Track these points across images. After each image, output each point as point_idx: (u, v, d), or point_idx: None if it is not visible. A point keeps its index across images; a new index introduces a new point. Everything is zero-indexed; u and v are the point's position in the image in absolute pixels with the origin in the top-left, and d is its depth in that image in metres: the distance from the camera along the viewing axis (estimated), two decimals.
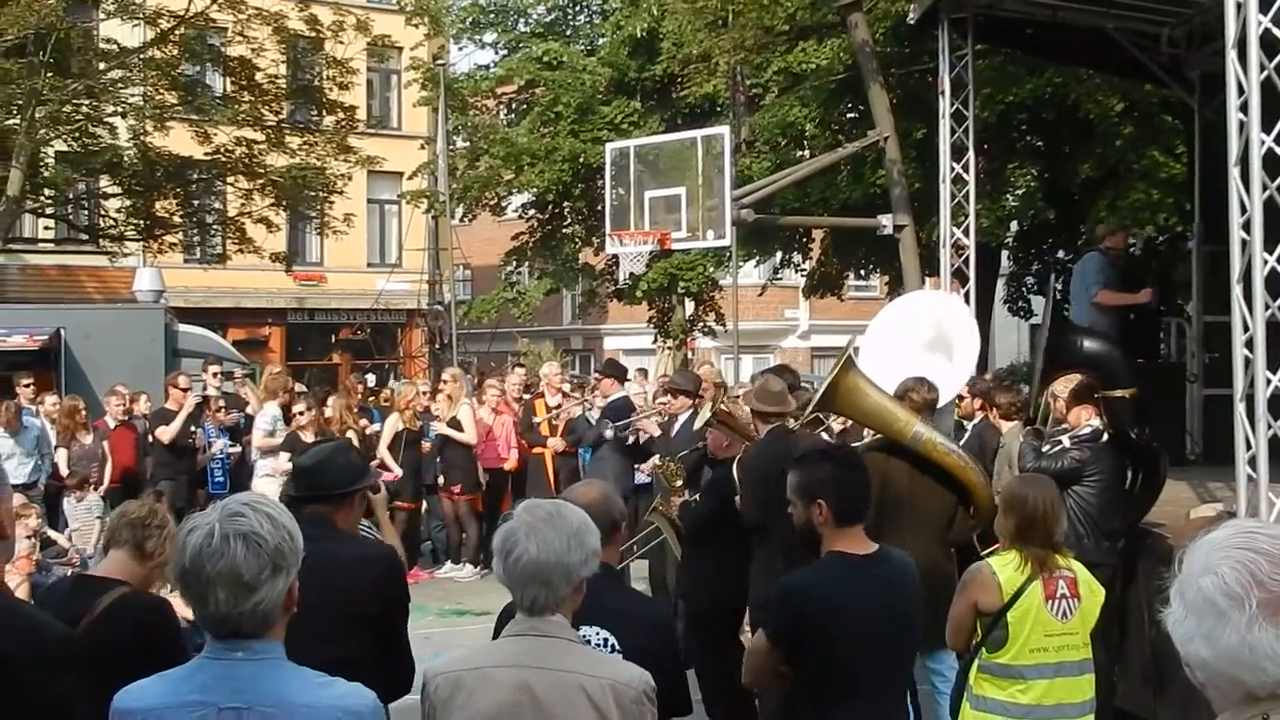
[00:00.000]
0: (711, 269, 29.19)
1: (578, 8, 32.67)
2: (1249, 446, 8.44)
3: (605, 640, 4.63)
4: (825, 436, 10.88)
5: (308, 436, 14.20)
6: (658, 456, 11.43)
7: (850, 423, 10.73)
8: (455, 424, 16.38)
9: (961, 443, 10.51)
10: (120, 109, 27.46)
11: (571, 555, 3.90)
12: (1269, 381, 8.35)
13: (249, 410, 16.90)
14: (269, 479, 14.29)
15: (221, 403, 16.52)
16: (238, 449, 16.14)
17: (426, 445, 16.61)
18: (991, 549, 10.10)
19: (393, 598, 5.33)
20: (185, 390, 15.65)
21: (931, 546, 8.33)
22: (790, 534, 5.51)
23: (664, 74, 27.88)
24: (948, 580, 8.45)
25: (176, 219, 30.20)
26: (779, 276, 31.97)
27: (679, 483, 10.21)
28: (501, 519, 4.07)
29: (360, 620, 5.10)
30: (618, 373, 15.10)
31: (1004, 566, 6.25)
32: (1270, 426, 8.36)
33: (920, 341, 11.64)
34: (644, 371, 22.56)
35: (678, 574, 11.92)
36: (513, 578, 3.90)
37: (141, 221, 29.08)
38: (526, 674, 3.86)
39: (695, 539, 9.39)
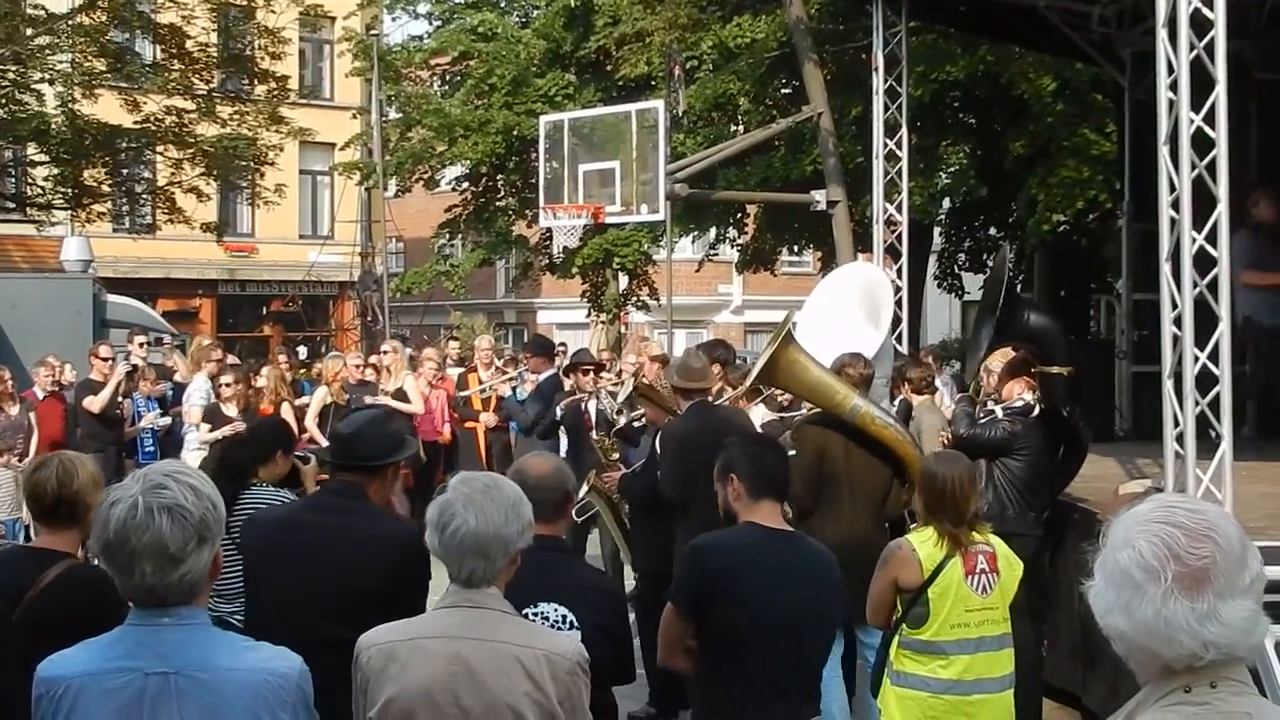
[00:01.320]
0: (647, 244, 29.15)
1: None
2: (1177, 423, 8.52)
3: (564, 617, 4.66)
4: (764, 408, 10.91)
5: (231, 410, 14.07)
6: (595, 432, 11.43)
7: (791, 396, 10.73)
8: (401, 395, 16.24)
9: None
10: (48, 76, 27.06)
11: (509, 527, 3.90)
12: (1197, 359, 8.43)
13: (177, 378, 16.75)
14: (199, 452, 14.14)
15: (152, 374, 16.33)
16: (168, 420, 15.96)
17: None
18: None
19: (408, 578, 5.02)
20: (107, 360, 15.47)
21: (867, 520, 8.36)
22: (710, 511, 5.50)
23: (599, 50, 27.79)
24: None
25: (105, 188, 29.78)
26: (715, 252, 32.01)
27: (615, 457, 10.27)
28: (437, 492, 4.04)
29: (368, 598, 4.85)
30: (545, 350, 14.93)
31: (923, 543, 6.27)
32: (1198, 404, 8.45)
33: (853, 314, 11.69)
34: (565, 346, 22.52)
35: (611, 547, 12.02)
36: (450, 550, 3.88)
37: (69, 190, 28.67)
38: (461, 645, 3.85)
39: (646, 508, 9.40)
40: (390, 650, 3.92)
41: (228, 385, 14.71)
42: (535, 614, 4.60)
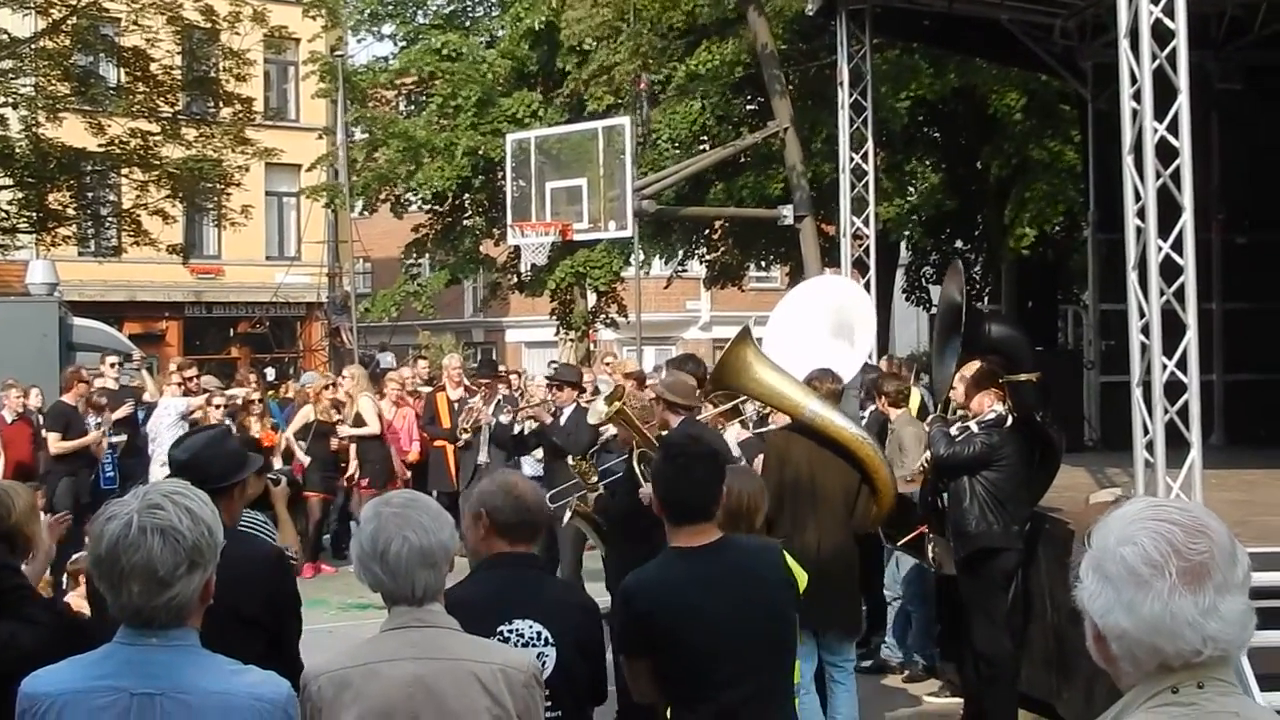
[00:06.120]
0: (619, 265, 29.09)
1: None
2: (1146, 432, 8.57)
3: (539, 634, 4.58)
4: (739, 428, 10.91)
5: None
6: (571, 458, 11.45)
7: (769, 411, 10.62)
8: (359, 420, 16.26)
9: None
10: (11, 100, 26.92)
11: (443, 532, 3.89)
12: (1165, 367, 8.48)
13: (146, 397, 16.67)
14: (165, 470, 14.06)
15: (103, 400, 15.99)
16: (123, 437, 15.77)
17: (335, 442, 16.38)
18: (907, 539, 10.15)
19: (281, 601, 5.07)
20: (88, 384, 15.41)
21: (833, 530, 8.33)
22: None
23: (572, 93, 27.55)
24: (848, 567, 8.48)
25: (70, 211, 29.62)
26: (683, 268, 32.03)
27: (594, 479, 10.27)
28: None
29: (247, 623, 4.78)
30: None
31: None
32: (1167, 412, 8.49)
33: (823, 329, 11.65)
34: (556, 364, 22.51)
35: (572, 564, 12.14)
36: (396, 572, 3.84)
37: (34, 214, 28.48)
38: (416, 665, 3.81)
39: (620, 531, 9.39)
40: (342, 678, 3.84)
41: (219, 408, 14.64)
42: (510, 631, 4.54)
